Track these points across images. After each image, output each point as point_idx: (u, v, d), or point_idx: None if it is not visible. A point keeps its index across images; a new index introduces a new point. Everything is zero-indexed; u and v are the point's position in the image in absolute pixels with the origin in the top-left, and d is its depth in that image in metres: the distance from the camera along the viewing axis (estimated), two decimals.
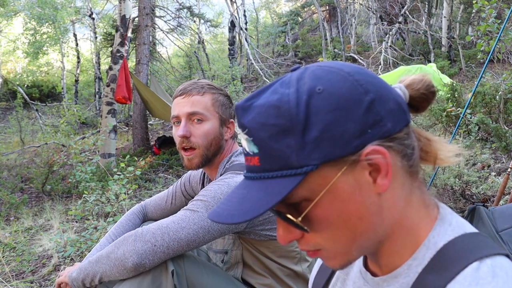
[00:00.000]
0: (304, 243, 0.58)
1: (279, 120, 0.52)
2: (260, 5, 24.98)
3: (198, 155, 1.34)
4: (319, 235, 0.56)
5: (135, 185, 4.28)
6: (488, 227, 1.46)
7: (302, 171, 0.51)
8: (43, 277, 2.94)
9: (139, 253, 1.13)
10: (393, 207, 0.57)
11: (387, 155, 0.53)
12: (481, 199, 3.04)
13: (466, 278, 0.51)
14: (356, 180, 0.53)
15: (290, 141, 0.51)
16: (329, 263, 0.59)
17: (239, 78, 12.20)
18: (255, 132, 0.54)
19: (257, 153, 0.54)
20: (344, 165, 0.52)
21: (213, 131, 1.35)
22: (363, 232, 0.56)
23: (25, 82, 16.90)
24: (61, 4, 14.78)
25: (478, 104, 4.64)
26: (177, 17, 11.71)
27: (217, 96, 1.38)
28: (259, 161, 0.54)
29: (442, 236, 0.58)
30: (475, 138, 4.27)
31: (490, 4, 3.62)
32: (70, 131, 9.09)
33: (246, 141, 0.55)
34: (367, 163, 0.53)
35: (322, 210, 0.54)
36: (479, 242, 0.56)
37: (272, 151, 0.52)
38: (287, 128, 0.51)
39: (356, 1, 16.16)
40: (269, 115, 0.53)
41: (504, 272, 0.51)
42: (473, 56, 9.92)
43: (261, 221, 1.27)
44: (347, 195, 0.53)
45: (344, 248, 0.57)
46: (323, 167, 0.52)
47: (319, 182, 0.53)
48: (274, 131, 0.52)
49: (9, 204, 5.01)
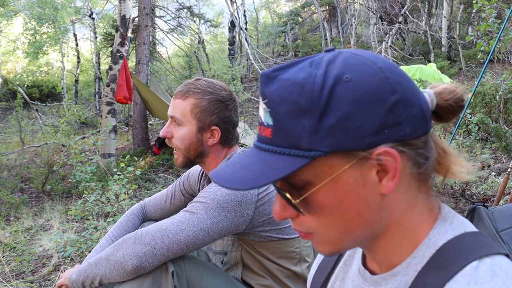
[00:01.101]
0: (297, 223, 0.58)
1: (300, 99, 0.51)
2: (260, 5, 24.98)
3: (181, 156, 1.37)
4: (314, 219, 0.56)
5: (135, 185, 4.28)
6: (488, 227, 1.46)
7: (310, 155, 0.51)
8: (43, 277, 2.94)
9: (139, 256, 1.13)
10: (394, 209, 0.56)
11: (398, 160, 0.52)
12: (481, 199, 3.04)
13: (465, 277, 0.51)
14: (362, 176, 0.53)
15: (306, 122, 0.51)
16: (318, 248, 0.59)
17: (239, 78, 12.20)
18: (274, 105, 0.53)
19: (271, 125, 0.54)
20: (354, 159, 0.52)
21: (189, 137, 1.34)
22: (358, 226, 0.55)
23: (25, 82, 16.90)
24: (61, 4, 14.78)
25: (478, 104, 4.64)
26: (177, 17, 11.71)
27: (200, 101, 1.32)
28: (271, 134, 0.54)
29: (442, 235, 0.58)
30: (475, 138, 4.27)
31: (490, 4, 3.62)
32: (70, 131, 9.08)
33: (264, 111, 0.55)
34: (376, 162, 0.52)
35: (322, 196, 0.54)
36: (479, 242, 0.56)
37: (286, 127, 0.52)
38: (306, 108, 0.51)
39: (356, 1, 16.16)
40: (291, 91, 0.52)
41: (503, 271, 0.51)
42: (473, 56, 9.92)
43: (260, 222, 1.26)
44: (350, 188, 0.53)
45: (336, 237, 0.57)
46: (331, 156, 0.51)
47: (325, 169, 0.52)
48: (292, 109, 0.52)
49: (9, 204, 5.01)
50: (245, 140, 6.02)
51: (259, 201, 1.24)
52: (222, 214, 1.19)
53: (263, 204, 1.25)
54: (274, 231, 1.29)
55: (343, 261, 0.75)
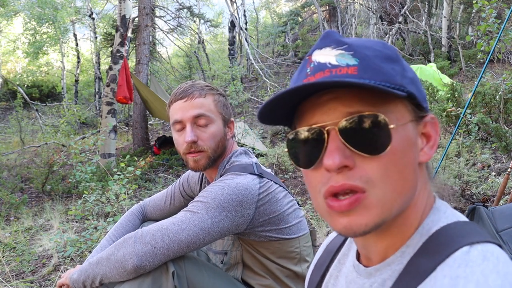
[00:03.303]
0: (352, 174, 0.54)
1: (386, 50, 0.59)
2: (260, 5, 24.97)
3: (205, 157, 1.32)
4: (378, 167, 0.54)
5: (135, 185, 4.27)
6: (488, 227, 1.46)
7: (405, 90, 0.56)
8: (43, 277, 2.94)
9: (139, 255, 1.13)
10: (419, 183, 0.60)
11: (438, 130, 0.61)
12: (481, 199, 3.04)
13: (456, 261, 0.52)
14: (415, 135, 0.59)
15: (395, 66, 0.58)
16: (362, 216, 0.55)
17: (239, 78, 12.19)
18: (360, 49, 0.57)
19: (356, 64, 0.56)
20: (415, 116, 0.59)
21: (219, 132, 1.33)
22: (409, 188, 0.57)
23: (25, 82, 16.90)
24: (61, 4, 14.78)
25: (478, 104, 4.64)
26: (177, 17, 11.71)
27: (218, 96, 1.37)
28: (357, 71, 0.55)
29: (435, 223, 0.59)
30: (475, 138, 4.26)
31: (490, 4, 3.62)
32: (70, 131, 9.08)
33: (339, 56, 0.57)
34: (423, 128, 0.60)
35: (395, 140, 0.55)
36: (471, 229, 0.57)
37: (377, 66, 0.56)
38: (393, 58, 0.59)
39: (356, 1, 16.15)
40: (376, 43, 0.60)
41: (494, 257, 0.51)
42: (473, 56, 9.91)
43: (261, 222, 1.26)
44: (411, 143, 0.58)
45: (391, 196, 0.55)
46: (408, 106, 0.58)
47: (403, 113, 0.57)
48: (380, 54, 0.58)
49: (9, 204, 5.01)
50: (245, 140, 6.01)
51: (259, 201, 1.24)
52: (223, 214, 1.19)
53: (263, 204, 1.25)
54: (274, 231, 1.29)
55: (337, 260, 0.76)
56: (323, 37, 0.60)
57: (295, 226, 1.32)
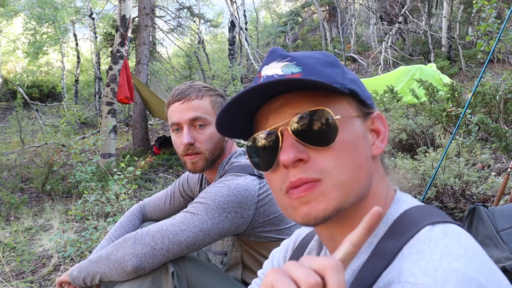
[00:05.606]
0: (307, 167, 0.58)
1: (326, 57, 0.66)
2: (260, 5, 24.98)
3: (203, 159, 1.32)
4: (331, 157, 0.58)
5: (135, 185, 4.28)
6: (488, 227, 1.46)
7: (346, 87, 0.61)
8: (43, 277, 2.94)
9: (139, 256, 1.12)
10: (375, 175, 0.64)
11: (386, 125, 0.65)
12: (481, 199, 3.04)
13: (420, 238, 0.55)
14: (364, 130, 0.63)
15: (336, 70, 0.65)
16: (319, 202, 0.58)
17: (239, 78, 12.20)
18: (302, 59, 0.64)
19: (300, 71, 0.62)
20: (361, 112, 0.64)
21: (216, 134, 1.32)
22: (364, 176, 0.61)
23: (25, 82, 16.89)
24: (61, 4, 14.77)
25: (478, 104, 4.64)
26: (177, 17, 11.71)
27: (215, 97, 1.36)
28: (301, 76, 0.61)
29: (398, 211, 0.63)
30: (475, 138, 4.26)
31: (490, 4, 3.61)
32: (70, 131, 9.07)
33: (284, 67, 0.63)
34: (371, 125, 0.65)
35: (344, 132, 0.60)
36: (432, 211, 0.61)
37: (319, 70, 0.63)
38: (334, 63, 0.66)
39: (356, 1, 16.16)
40: (316, 53, 0.67)
41: (456, 233, 0.55)
42: (473, 56, 9.92)
43: (260, 223, 1.26)
44: (360, 136, 0.62)
45: (348, 180, 0.59)
46: (351, 102, 0.63)
47: (347, 108, 0.62)
48: (321, 61, 0.65)
49: (9, 204, 5.01)
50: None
51: (259, 202, 1.24)
52: (223, 215, 1.19)
53: (263, 205, 1.25)
54: (274, 231, 1.29)
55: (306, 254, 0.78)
56: (268, 54, 0.67)
57: (295, 226, 1.32)
